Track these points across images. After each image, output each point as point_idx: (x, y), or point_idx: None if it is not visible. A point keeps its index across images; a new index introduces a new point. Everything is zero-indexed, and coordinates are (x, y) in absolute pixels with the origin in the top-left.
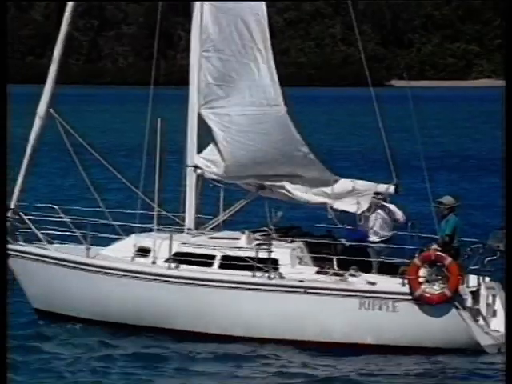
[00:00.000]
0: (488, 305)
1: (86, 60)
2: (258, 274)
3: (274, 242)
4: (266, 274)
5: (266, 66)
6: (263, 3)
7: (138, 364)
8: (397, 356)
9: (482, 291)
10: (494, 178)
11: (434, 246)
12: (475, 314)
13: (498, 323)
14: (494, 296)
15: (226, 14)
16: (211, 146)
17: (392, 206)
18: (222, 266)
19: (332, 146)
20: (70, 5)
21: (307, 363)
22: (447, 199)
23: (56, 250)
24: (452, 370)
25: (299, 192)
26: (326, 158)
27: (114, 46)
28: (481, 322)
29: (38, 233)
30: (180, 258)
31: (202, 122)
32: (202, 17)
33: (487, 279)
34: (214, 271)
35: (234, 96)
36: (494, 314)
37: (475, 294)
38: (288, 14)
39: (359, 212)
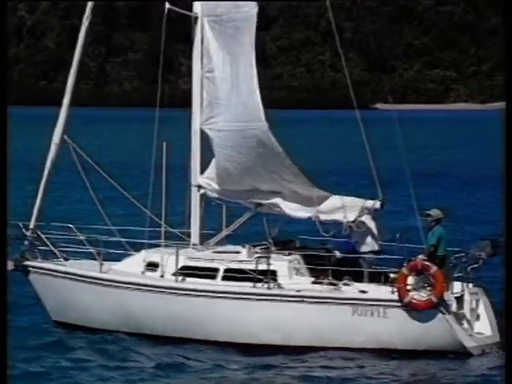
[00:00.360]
0: (472, 309)
1: (95, 84)
2: (258, 284)
3: (272, 255)
4: (266, 285)
5: (252, 87)
6: (253, 29)
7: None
8: (387, 358)
9: (466, 297)
10: (479, 193)
11: (421, 256)
12: (460, 318)
13: (482, 326)
14: (477, 301)
15: (225, 37)
16: (211, 164)
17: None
18: (224, 278)
19: (323, 164)
20: (82, 36)
21: (300, 367)
22: (434, 211)
23: (72, 266)
24: (439, 371)
25: (290, 209)
26: (319, 175)
27: (120, 71)
28: (465, 325)
29: (55, 250)
30: (186, 272)
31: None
32: (203, 42)
33: (470, 285)
34: (218, 283)
35: (225, 113)
36: (478, 317)
37: (459, 300)
38: (280, 42)
39: (347, 225)
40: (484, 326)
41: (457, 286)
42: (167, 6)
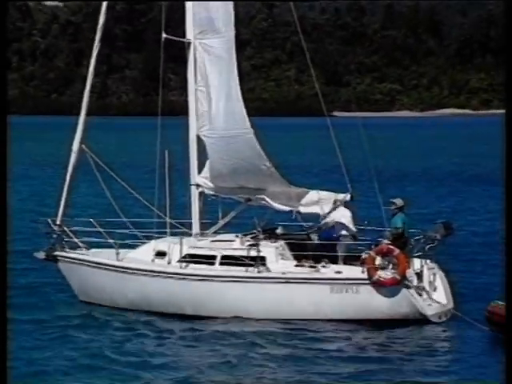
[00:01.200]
0: (430, 282)
1: (98, 97)
2: (250, 269)
3: (261, 243)
4: (256, 269)
5: (237, 97)
6: (233, 49)
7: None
8: (360, 327)
9: (425, 271)
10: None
11: (386, 241)
12: (420, 290)
13: (439, 296)
14: (434, 275)
15: (212, 56)
16: (206, 165)
17: (346, 214)
18: (221, 264)
19: (295, 163)
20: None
21: (284, 336)
22: (398, 200)
23: (93, 255)
24: (402, 337)
25: (275, 203)
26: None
27: (119, 86)
28: (424, 296)
29: (78, 241)
30: (189, 260)
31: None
32: (196, 61)
33: (428, 262)
34: (216, 268)
35: (216, 121)
36: (435, 289)
37: (419, 275)
38: (253, 61)
39: (322, 215)
40: (440, 296)
41: (417, 263)
42: (164, 35)
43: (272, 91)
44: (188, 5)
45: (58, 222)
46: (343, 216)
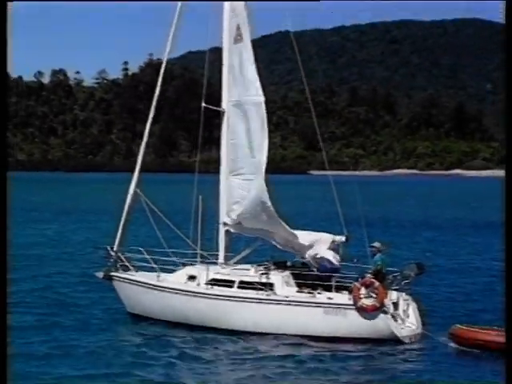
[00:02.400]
0: (404, 311)
1: (124, 157)
2: (261, 292)
3: (271, 272)
4: (266, 293)
5: (261, 151)
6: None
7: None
8: (346, 344)
9: (400, 302)
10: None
11: (369, 275)
12: (395, 316)
13: (411, 322)
14: (408, 305)
15: (241, 115)
16: (232, 208)
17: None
18: (239, 287)
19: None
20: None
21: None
22: (377, 244)
23: (139, 276)
24: (380, 352)
25: (280, 244)
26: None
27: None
28: (399, 321)
29: (130, 265)
30: (214, 283)
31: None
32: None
33: (403, 294)
34: (234, 291)
35: (243, 168)
36: (408, 316)
37: (395, 304)
38: None
39: (321, 254)
40: (412, 322)
41: (394, 295)
42: (203, 104)
43: None
44: (224, 79)
45: (114, 249)
46: (331, 254)
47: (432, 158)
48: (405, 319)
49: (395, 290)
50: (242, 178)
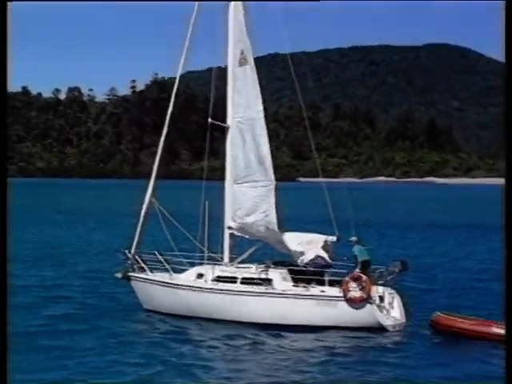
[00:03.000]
0: (389, 303)
1: (132, 165)
2: (261, 287)
3: (270, 269)
4: (265, 287)
5: (265, 160)
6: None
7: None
8: (339, 332)
9: (386, 295)
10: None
11: (357, 270)
12: (381, 308)
13: (395, 313)
14: (393, 298)
15: (242, 130)
16: (236, 213)
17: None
18: (241, 283)
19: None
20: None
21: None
22: (354, 238)
23: (154, 276)
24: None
25: (279, 246)
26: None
27: (148, 157)
28: (384, 312)
29: (145, 266)
30: (219, 279)
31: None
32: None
33: (389, 288)
34: (238, 286)
35: (246, 177)
36: (393, 308)
37: (381, 297)
38: None
39: (316, 254)
40: (396, 313)
41: (380, 289)
42: (210, 120)
43: None
44: (229, 98)
45: (132, 252)
46: (324, 252)
47: (408, 166)
48: (390, 310)
49: (381, 284)
50: (244, 186)
